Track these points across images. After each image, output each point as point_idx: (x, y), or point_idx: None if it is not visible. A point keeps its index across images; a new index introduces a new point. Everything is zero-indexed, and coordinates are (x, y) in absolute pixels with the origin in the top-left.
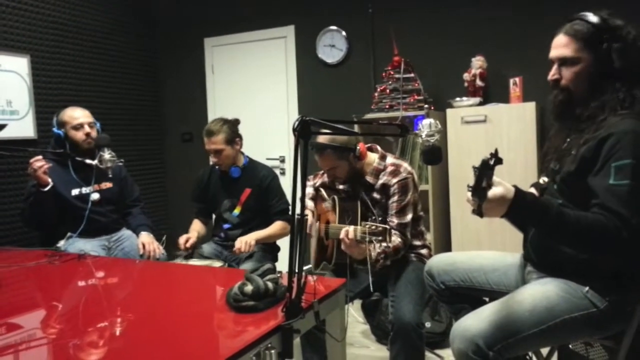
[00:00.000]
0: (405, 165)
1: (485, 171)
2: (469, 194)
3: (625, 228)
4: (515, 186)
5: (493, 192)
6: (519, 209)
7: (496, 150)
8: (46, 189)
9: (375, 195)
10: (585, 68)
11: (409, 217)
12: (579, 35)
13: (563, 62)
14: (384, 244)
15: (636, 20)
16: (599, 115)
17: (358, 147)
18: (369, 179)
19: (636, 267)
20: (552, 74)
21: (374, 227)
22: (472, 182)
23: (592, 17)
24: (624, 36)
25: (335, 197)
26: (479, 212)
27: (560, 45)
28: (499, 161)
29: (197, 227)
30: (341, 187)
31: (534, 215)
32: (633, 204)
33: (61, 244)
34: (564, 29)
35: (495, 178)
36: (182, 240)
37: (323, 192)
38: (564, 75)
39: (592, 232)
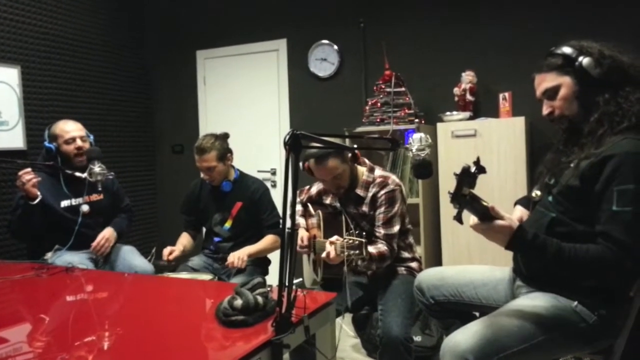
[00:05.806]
0: (393, 177)
1: (465, 178)
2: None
3: (629, 258)
4: (521, 224)
5: (499, 223)
6: (518, 246)
7: (478, 159)
8: (35, 202)
9: (365, 208)
10: (569, 90)
11: (396, 228)
12: (552, 66)
13: (548, 94)
14: (360, 257)
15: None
16: (598, 129)
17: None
18: (359, 191)
19: (624, 282)
20: (545, 110)
21: (350, 240)
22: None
23: (560, 49)
24: (591, 51)
25: (320, 212)
26: (458, 218)
27: (540, 82)
28: (481, 169)
29: (184, 241)
30: (327, 201)
31: (531, 253)
32: (636, 232)
33: (48, 256)
34: (539, 69)
35: (505, 213)
36: (166, 251)
37: (310, 207)
38: (555, 106)
39: (593, 266)
